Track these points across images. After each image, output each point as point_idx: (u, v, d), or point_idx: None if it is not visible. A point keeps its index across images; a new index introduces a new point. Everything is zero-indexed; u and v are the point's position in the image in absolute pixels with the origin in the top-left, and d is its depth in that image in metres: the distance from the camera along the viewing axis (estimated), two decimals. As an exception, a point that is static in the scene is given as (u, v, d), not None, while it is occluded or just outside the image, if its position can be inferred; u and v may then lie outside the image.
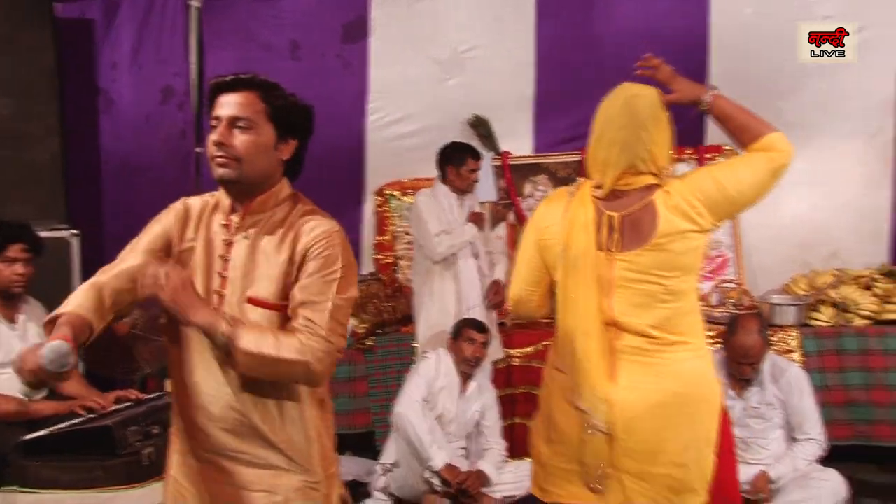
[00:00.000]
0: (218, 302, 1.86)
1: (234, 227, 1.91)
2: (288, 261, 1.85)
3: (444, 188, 4.47)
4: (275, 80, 1.97)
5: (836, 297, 4.56)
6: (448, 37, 5.36)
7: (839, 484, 3.65)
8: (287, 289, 1.84)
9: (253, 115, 1.86)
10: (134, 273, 1.90)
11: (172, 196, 6.35)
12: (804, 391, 3.74)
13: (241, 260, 1.87)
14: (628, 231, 2.10)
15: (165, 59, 5.52)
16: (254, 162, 1.86)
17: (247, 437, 1.87)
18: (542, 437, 2.21)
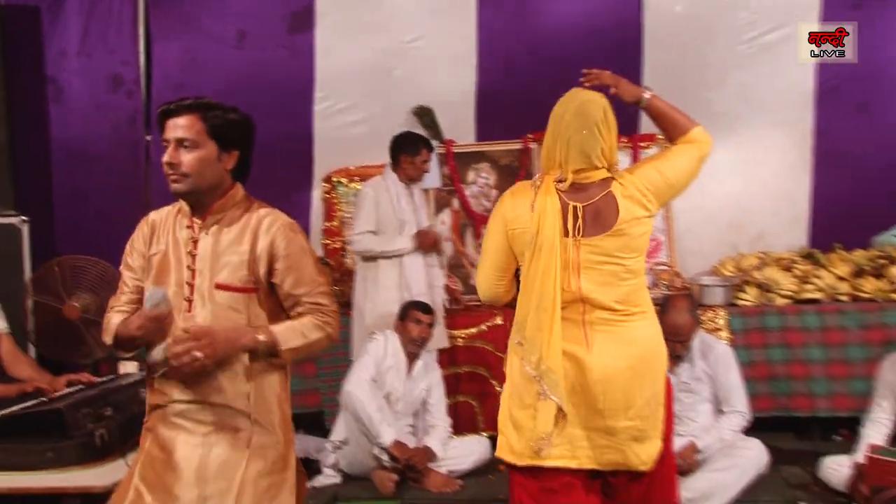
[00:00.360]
0: (189, 290, 2.14)
1: (198, 228, 2.20)
2: (249, 251, 2.15)
3: (394, 176, 4.53)
4: (216, 101, 2.21)
5: (760, 279, 4.75)
6: (393, 27, 5.43)
7: (761, 452, 3.81)
8: (251, 275, 2.15)
9: (195, 136, 2.12)
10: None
11: (123, 183, 6.40)
12: (730, 367, 3.93)
13: (206, 253, 2.16)
14: (591, 219, 2.34)
15: (113, 48, 5.51)
16: (201, 175, 2.14)
17: (216, 400, 2.13)
18: (515, 405, 2.37)
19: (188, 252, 2.18)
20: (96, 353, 4.50)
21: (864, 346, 4.44)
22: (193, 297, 2.15)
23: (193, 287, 2.16)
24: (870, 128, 5.19)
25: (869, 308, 4.52)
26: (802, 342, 4.52)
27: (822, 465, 3.85)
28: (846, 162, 5.21)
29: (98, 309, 4.50)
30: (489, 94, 5.40)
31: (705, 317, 4.55)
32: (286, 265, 2.17)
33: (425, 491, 3.95)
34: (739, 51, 5.21)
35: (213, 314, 2.15)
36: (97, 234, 5.43)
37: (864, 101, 5.19)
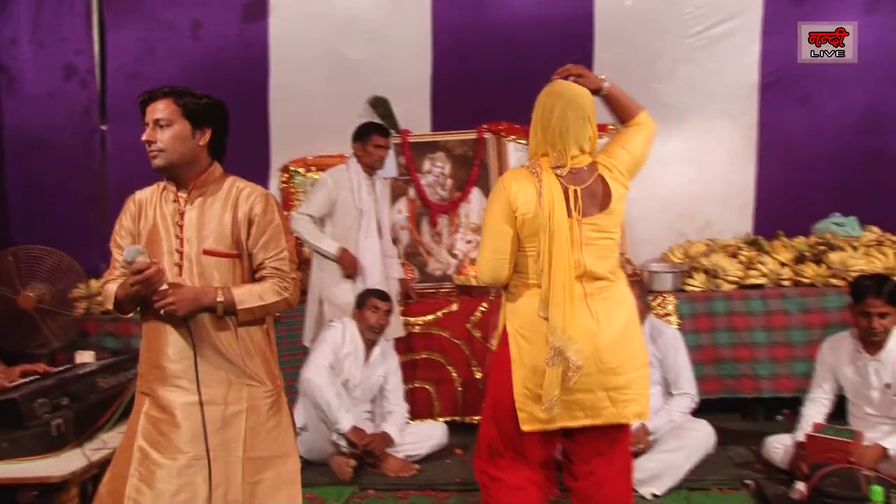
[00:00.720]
0: (179, 257, 2.37)
1: (183, 201, 2.41)
2: (232, 220, 2.39)
3: (357, 166, 4.59)
4: (190, 89, 2.44)
5: (708, 265, 4.87)
6: (347, 17, 5.43)
7: (709, 433, 3.94)
8: (234, 241, 2.38)
9: (169, 115, 2.34)
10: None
11: (78, 172, 6.33)
12: (679, 350, 4.04)
13: (192, 223, 2.39)
14: (588, 200, 2.58)
15: (66, 37, 5.43)
16: (175, 150, 2.35)
17: (212, 360, 2.36)
18: (533, 382, 2.57)
19: (175, 223, 2.40)
20: (52, 343, 4.48)
21: (805, 329, 4.59)
22: (183, 263, 2.37)
23: (182, 254, 2.38)
24: (810, 119, 5.34)
25: (809, 293, 4.66)
26: (747, 326, 4.66)
27: (765, 445, 3.98)
28: (788, 152, 5.37)
29: (53, 298, 4.48)
30: (444, 85, 5.45)
31: (655, 302, 4.65)
32: (258, 230, 2.39)
33: (383, 476, 4.00)
34: (687, 44, 5.32)
35: (199, 277, 2.36)
36: (52, 223, 5.38)
37: (804, 94, 5.34)
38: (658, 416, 3.94)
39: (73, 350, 4.13)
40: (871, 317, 3.60)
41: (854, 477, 3.14)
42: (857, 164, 5.32)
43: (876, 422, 3.72)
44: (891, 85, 5.27)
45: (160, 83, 5.27)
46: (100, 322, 4.85)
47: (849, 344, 3.81)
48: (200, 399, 2.32)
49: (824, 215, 5.12)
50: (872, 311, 3.59)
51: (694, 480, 3.80)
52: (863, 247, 4.88)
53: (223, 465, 2.33)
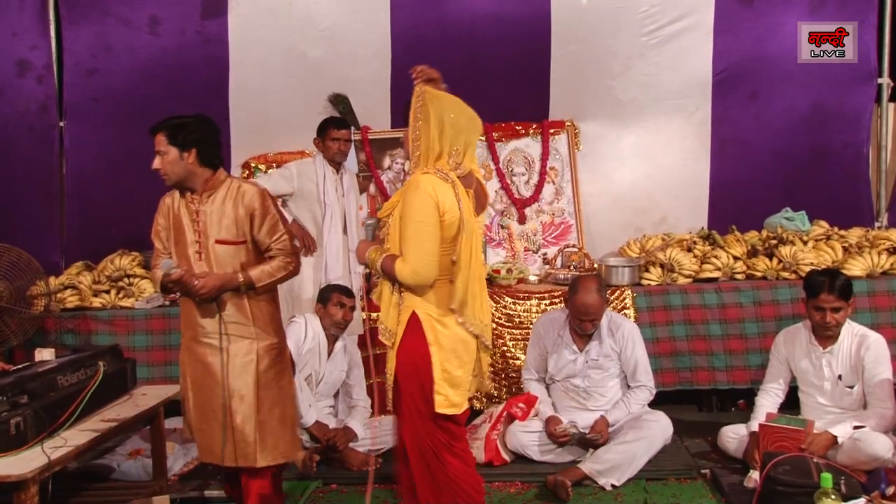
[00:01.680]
0: (198, 245, 3.07)
1: (197, 202, 3.09)
2: (236, 215, 3.05)
3: (322, 160, 4.65)
4: (178, 117, 3.05)
5: (664, 259, 4.95)
6: (306, 14, 5.42)
7: (667, 425, 4.01)
8: (240, 231, 3.05)
9: (162, 147, 3.03)
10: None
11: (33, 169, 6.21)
12: (637, 343, 4.11)
13: (207, 219, 3.07)
14: (475, 201, 2.87)
15: (18, 32, 5.35)
16: (173, 171, 3.05)
17: (230, 323, 3.07)
18: (453, 366, 2.79)
19: (193, 220, 3.08)
20: (11, 341, 4.42)
21: (759, 321, 4.69)
22: (201, 251, 3.08)
23: (201, 243, 3.08)
24: (760, 115, 5.47)
25: (762, 286, 4.76)
26: (703, 319, 4.74)
27: (720, 435, 4.07)
28: (740, 148, 5.50)
29: (12, 296, 4.42)
30: (404, 82, 5.34)
31: (613, 296, 4.72)
32: (259, 221, 3.06)
33: (346, 470, 4.01)
34: (642, 42, 5.39)
35: (215, 261, 3.06)
36: (9, 220, 5.30)
37: (754, 90, 5.45)
38: (617, 408, 4.03)
39: (32, 348, 4.07)
40: (824, 311, 3.71)
41: (805, 465, 3.21)
42: (805, 159, 5.46)
43: (826, 411, 3.84)
44: (835, 83, 5.40)
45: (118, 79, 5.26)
46: (59, 319, 4.80)
47: (803, 336, 3.91)
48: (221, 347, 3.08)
49: (775, 210, 5.24)
50: (826, 305, 3.70)
51: (651, 471, 3.88)
52: (812, 241, 5.01)
53: (240, 402, 3.05)
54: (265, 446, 3.08)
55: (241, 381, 3.07)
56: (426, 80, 2.90)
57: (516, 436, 4.04)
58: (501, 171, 5.55)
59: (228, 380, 3.07)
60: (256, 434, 3.06)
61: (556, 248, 5.40)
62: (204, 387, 3.12)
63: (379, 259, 2.81)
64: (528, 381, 4.27)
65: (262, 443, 3.07)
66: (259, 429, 3.06)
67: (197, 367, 3.14)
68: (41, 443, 2.90)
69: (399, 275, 2.74)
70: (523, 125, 5.60)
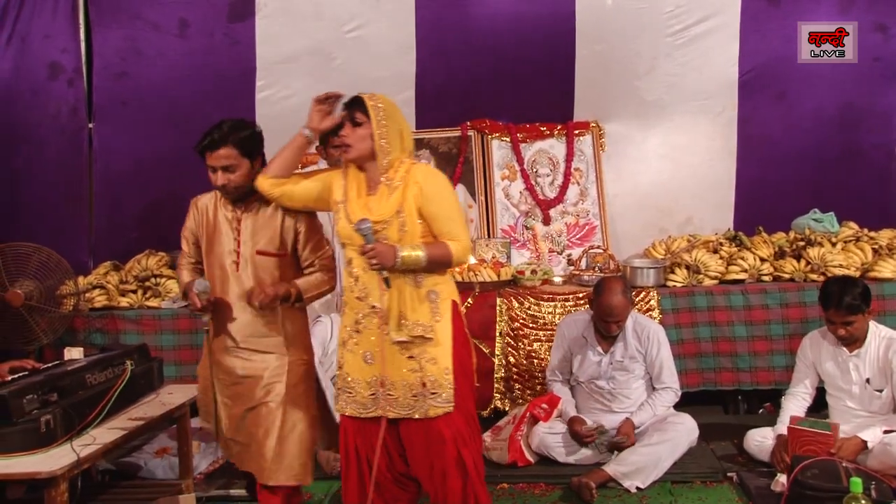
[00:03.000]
0: (236, 255, 3.00)
1: (240, 211, 3.03)
2: (280, 226, 3.00)
3: (325, 166, 4.63)
4: (237, 124, 2.99)
5: (689, 260, 4.92)
6: (332, 16, 5.45)
7: (692, 427, 3.99)
8: (282, 243, 3.00)
9: (233, 161, 2.94)
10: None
11: (64, 170, 6.30)
12: (662, 345, 4.08)
13: (248, 229, 3.01)
14: None
15: (51, 35, 5.41)
16: (244, 184, 2.97)
17: (262, 337, 3.01)
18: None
19: (234, 228, 3.01)
20: (40, 340, 4.48)
21: (785, 323, 4.66)
22: (239, 260, 3.00)
23: (239, 253, 3.00)
24: (787, 115, 5.42)
25: (789, 287, 4.73)
26: (728, 320, 4.71)
27: (747, 438, 4.03)
28: (767, 149, 5.45)
29: (41, 295, 4.49)
30: (428, 83, 5.47)
31: (638, 298, 4.69)
32: (304, 237, 3.02)
33: (369, 469, 4.02)
34: (667, 42, 5.37)
35: (253, 272, 2.99)
36: (39, 221, 5.37)
37: (782, 90, 5.41)
38: (642, 410, 4.01)
39: (61, 347, 4.14)
40: (835, 325, 3.68)
41: (834, 469, 3.18)
42: (833, 160, 5.41)
43: (856, 415, 3.80)
44: (866, 83, 5.35)
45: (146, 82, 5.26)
46: (88, 319, 4.86)
47: (830, 339, 3.86)
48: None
49: (803, 211, 5.19)
50: (836, 320, 3.67)
51: (677, 474, 3.85)
52: (841, 242, 4.96)
53: (267, 413, 2.98)
54: (280, 465, 2.98)
55: (266, 392, 3.01)
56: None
57: (540, 437, 4.03)
58: (526, 172, 5.54)
59: (256, 391, 3.01)
60: (275, 450, 2.97)
61: (581, 250, 5.37)
62: (236, 396, 3.06)
63: (419, 250, 2.72)
64: (552, 382, 4.26)
65: (278, 461, 2.97)
66: (278, 445, 2.97)
67: (226, 380, 3.08)
68: (70, 440, 2.94)
69: (457, 255, 2.78)
70: (548, 126, 5.58)
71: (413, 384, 2.76)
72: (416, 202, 2.75)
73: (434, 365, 2.76)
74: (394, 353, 2.77)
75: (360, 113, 2.79)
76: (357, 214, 2.77)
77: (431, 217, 2.77)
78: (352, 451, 2.88)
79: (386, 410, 2.79)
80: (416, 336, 2.75)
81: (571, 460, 3.99)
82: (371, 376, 2.81)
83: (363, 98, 2.82)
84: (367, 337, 2.80)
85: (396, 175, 2.78)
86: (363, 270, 2.78)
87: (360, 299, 2.80)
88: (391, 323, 2.76)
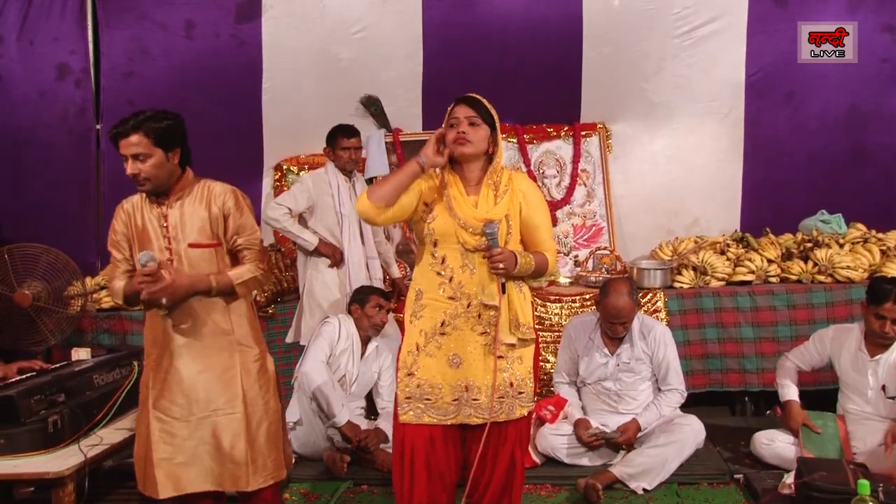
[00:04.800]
0: (169, 252, 2.82)
1: (166, 206, 2.85)
2: (208, 215, 2.84)
3: (334, 169, 4.65)
4: (151, 112, 2.82)
5: (696, 262, 4.91)
6: (339, 17, 5.45)
7: (699, 428, 3.96)
8: (213, 233, 2.84)
9: (144, 148, 2.74)
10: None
11: (72, 172, 6.32)
12: (668, 346, 4.06)
13: (176, 223, 2.84)
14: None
15: (59, 37, 5.42)
16: (158, 176, 2.78)
17: (209, 334, 2.83)
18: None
19: (161, 225, 2.84)
20: (48, 341, 4.50)
21: (792, 324, 4.66)
22: (173, 257, 2.82)
23: (171, 250, 2.83)
24: (795, 117, 5.41)
25: (796, 289, 4.72)
26: (735, 322, 4.71)
27: (754, 440, 4.02)
28: (774, 150, 5.44)
29: (49, 296, 4.50)
30: (435, 84, 5.47)
31: (645, 299, 4.70)
32: (233, 220, 2.86)
33: (376, 471, 4.00)
34: (674, 43, 5.37)
35: (189, 266, 2.81)
36: (46, 222, 5.39)
37: (789, 92, 5.40)
38: (648, 410, 4.00)
39: (69, 347, 4.15)
40: (885, 320, 3.65)
41: (841, 471, 3.18)
42: (841, 161, 5.40)
43: (868, 417, 3.78)
44: (874, 84, 5.34)
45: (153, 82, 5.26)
46: (95, 319, 4.87)
47: (854, 339, 3.84)
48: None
49: (810, 212, 5.18)
50: (889, 315, 3.64)
51: (684, 475, 3.84)
52: (848, 244, 4.95)
53: (229, 420, 2.82)
54: (256, 468, 2.86)
55: (224, 397, 2.84)
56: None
57: (546, 438, 4.02)
58: (532, 173, 5.54)
59: (212, 396, 2.83)
60: (248, 455, 2.84)
61: (588, 251, 5.38)
62: (178, 412, 2.84)
63: (531, 259, 2.74)
64: (559, 384, 4.26)
65: (254, 464, 2.85)
66: (249, 448, 2.84)
67: (167, 390, 2.85)
68: (77, 441, 2.95)
69: (551, 267, 2.82)
70: (554, 127, 5.59)
71: (500, 385, 2.72)
72: (521, 208, 2.76)
73: (521, 364, 2.78)
74: (485, 354, 2.72)
75: (477, 113, 2.75)
76: (465, 212, 2.72)
77: (533, 225, 2.78)
78: (420, 462, 2.74)
79: (469, 416, 2.73)
80: (527, 339, 2.77)
81: (577, 462, 3.98)
82: (456, 380, 2.73)
83: (481, 100, 2.79)
84: (455, 339, 2.72)
85: (502, 179, 2.77)
86: (461, 269, 2.72)
87: (454, 299, 2.71)
88: (502, 325, 2.71)
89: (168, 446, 2.80)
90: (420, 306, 2.75)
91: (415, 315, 2.76)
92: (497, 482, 2.77)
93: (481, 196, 2.75)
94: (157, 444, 2.78)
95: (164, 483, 2.78)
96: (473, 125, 2.72)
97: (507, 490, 2.79)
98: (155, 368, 2.86)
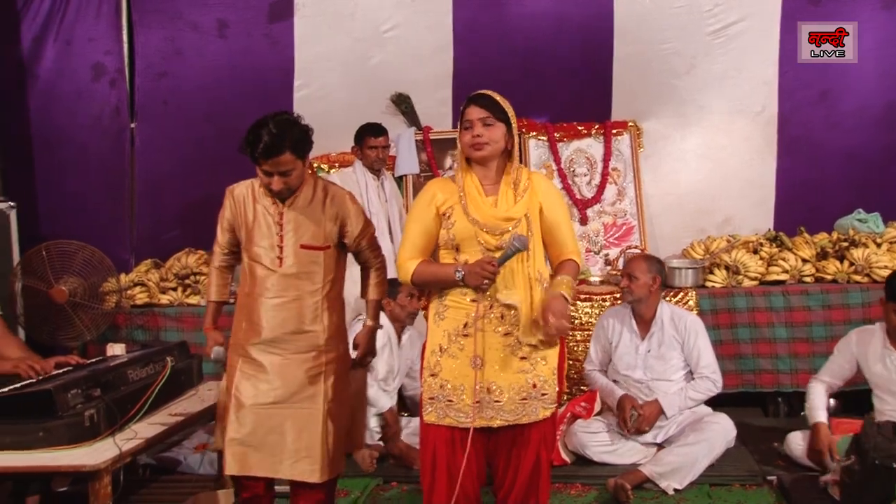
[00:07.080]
0: (279, 250, 2.93)
1: (282, 205, 2.94)
2: (324, 220, 2.96)
3: (362, 168, 4.69)
4: (290, 123, 2.88)
5: (729, 261, 4.88)
6: (370, 16, 5.49)
7: (729, 427, 3.94)
8: (326, 236, 2.95)
9: (292, 164, 2.85)
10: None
11: (107, 170, 6.42)
12: (700, 334, 4.03)
13: (290, 222, 2.94)
14: None
15: (94, 38, 5.51)
16: (297, 184, 2.92)
17: (297, 333, 2.93)
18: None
19: (276, 222, 2.94)
20: (84, 336, 4.57)
21: (827, 325, 4.61)
22: (283, 255, 2.93)
23: (282, 248, 2.93)
24: (830, 115, 5.35)
25: (832, 289, 4.67)
26: (768, 322, 4.68)
27: (788, 441, 3.98)
28: (808, 148, 5.38)
29: (85, 292, 4.58)
30: (465, 81, 5.45)
31: (676, 298, 4.68)
32: (351, 225, 3.00)
33: (406, 467, 4.02)
34: (706, 41, 5.33)
35: (297, 266, 2.93)
36: (82, 219, 5.47)
37: (824, 90, 5.34)
38: (674, 395, 3.97)
39: (104, 342, 4.22)
40: None
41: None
42: (878, 159, 5.32)
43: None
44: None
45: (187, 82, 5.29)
46: (130, 316, 4.95)
47: (878, 339, 3.77)
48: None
49: (846, 211, 5.12)
50: None
51: (714, 476, 3.81)
52: (886, 243, 4.87)
53: (307, 414, 2.91)
54: (326, 462, 2.93)
55: (308, 392, 2.94)
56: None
57: (577, 435, 4.01)
58: (563, 172, 5.52)
59: (294, 389, 2.93)
60: (323, 448, 2.92)
61: (619, 249, 5.35)
62: (258, 397, 2.93)
63: (569, 280, 2.73)
64: (590, 371, 4.25)
65: (325, 458, 2.93)
66: (323, 443, 2.92)
67: (251, 376, 2.96)
68: (113, 434, 2.98)
69: (581, 266, 2.85)
70: (585, 125, 5.56)
71: (523, 386, 2.69)
72: (541, 208, 2.73)
73: (545, 365, 2.72)
74: (508, 355, 2.69)
75: (490, 113, 2.70)
76: (484, 212, 2.69)
77: (555, 224, 2.75)
78: (442, 463, 2.72)
79: (491, 419, 2.69)
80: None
81: (606, 459, 3.96)
82: (477, 382, 2.68)
83: (493, 96, 2.74)
84: (478, 340, 2.68)
85: (521, 177, 2.74)
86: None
87: (476, 301, 2.68)
88: (523, 325, 2.68)
89: (242, 427, 2.91)
90: (444, 307, 2.72)
91: (438, 315, 2.74)
92: (521, 485, 2.73)
93: (500, 195, 2.71)
94: (230, 424, 2.92)
95: (230, 462, 2.93)
96: (488, 125, 2.67)
97: (533, 491, 2.75)
98: (244, 354, 2.98)
